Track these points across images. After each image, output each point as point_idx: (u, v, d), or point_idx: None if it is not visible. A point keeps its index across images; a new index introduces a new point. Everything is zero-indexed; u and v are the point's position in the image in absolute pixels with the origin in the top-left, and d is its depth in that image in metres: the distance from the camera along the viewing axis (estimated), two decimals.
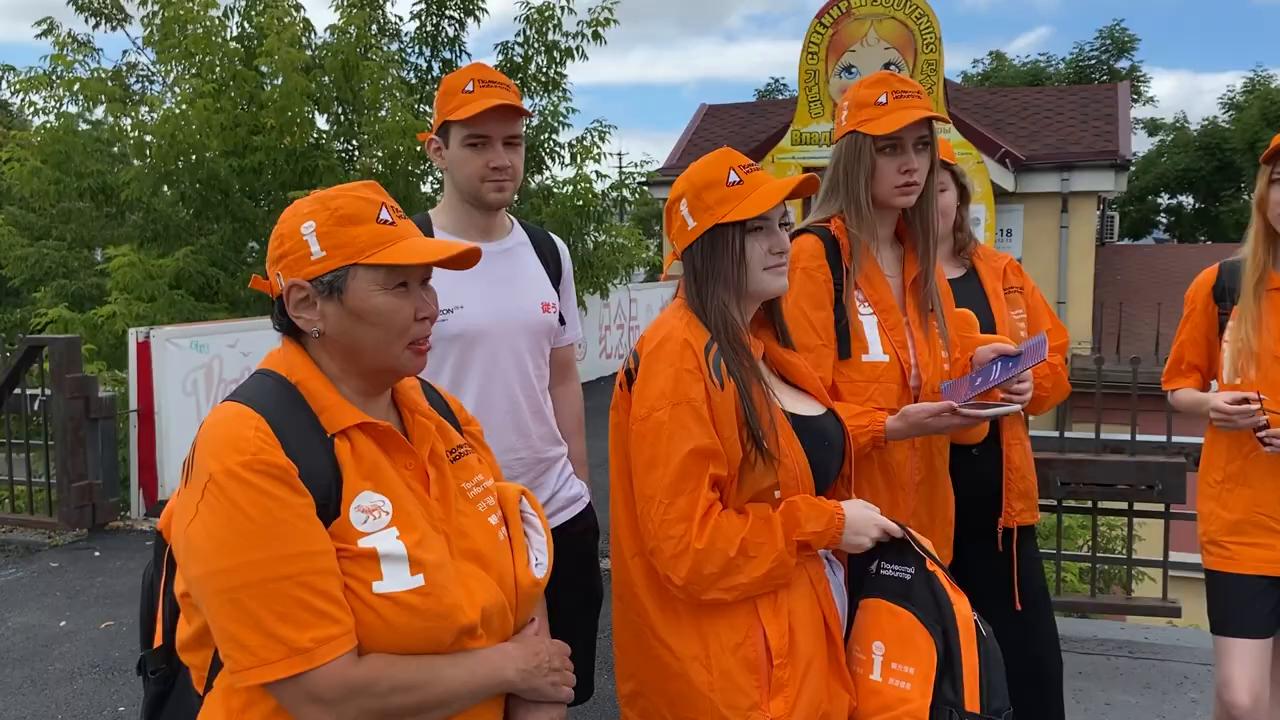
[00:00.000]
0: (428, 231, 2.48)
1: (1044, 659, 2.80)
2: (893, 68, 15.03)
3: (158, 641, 1.56)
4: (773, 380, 2.00)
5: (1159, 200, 36.18)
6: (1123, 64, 32.75)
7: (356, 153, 10.14)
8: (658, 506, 1.80)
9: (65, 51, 9.80)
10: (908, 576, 1.86)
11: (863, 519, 1.89)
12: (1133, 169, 29.47)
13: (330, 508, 1.40)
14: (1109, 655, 4.46)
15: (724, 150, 1.94)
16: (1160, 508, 4.39)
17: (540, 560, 1.62)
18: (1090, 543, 5.05)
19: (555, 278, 2.64)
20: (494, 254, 2.52)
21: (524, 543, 1.63)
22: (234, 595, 1.31)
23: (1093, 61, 32.91)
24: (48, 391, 6.24)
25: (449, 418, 1.70)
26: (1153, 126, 36.18)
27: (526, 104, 10.42)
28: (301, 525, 1.35)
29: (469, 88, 2.38)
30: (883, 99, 2.33)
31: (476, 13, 10.40)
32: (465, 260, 1.51)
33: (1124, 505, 4.49)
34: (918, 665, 1.78)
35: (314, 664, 1.32)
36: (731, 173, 1.88)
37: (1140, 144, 34.93)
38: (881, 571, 1.90)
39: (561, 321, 2.67)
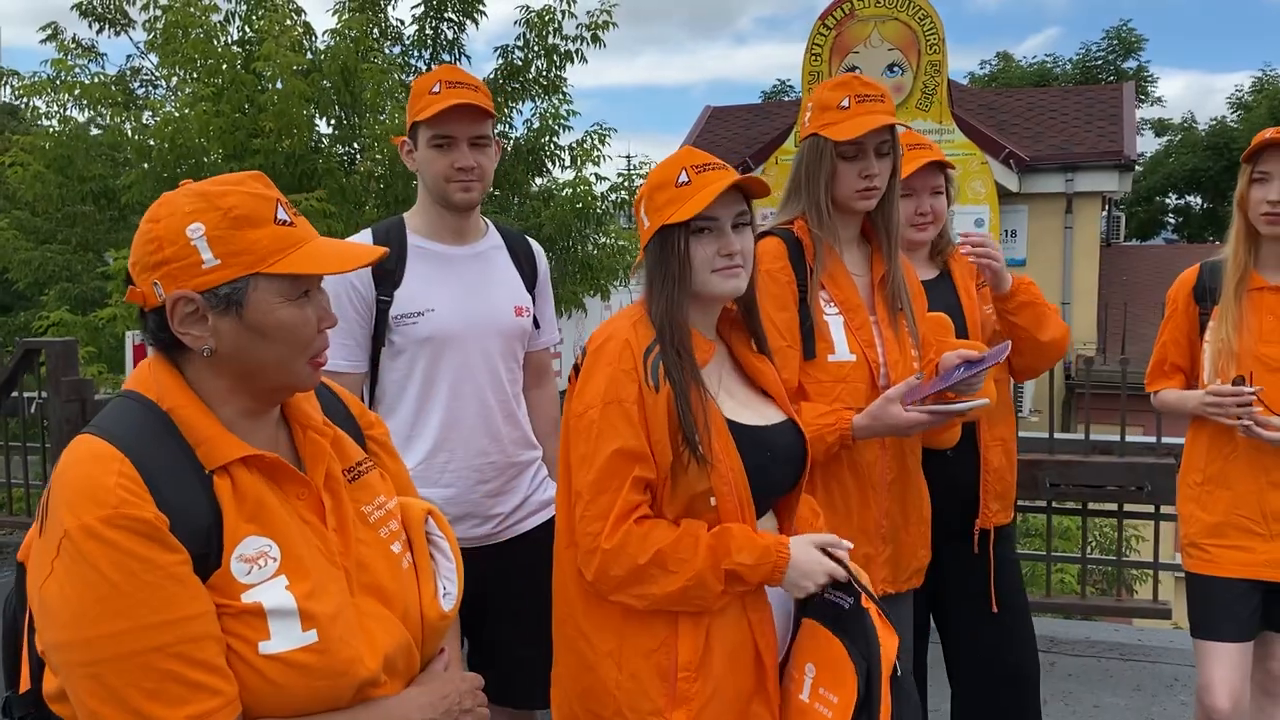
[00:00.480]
0: (401, 235, 2.49)
1: (1021, 661, 2.80)
2: (896, 69, 14.99)
3: (24, 685, 1.36)
4: (734, 385, 2.00)
5: (1167, 201, 36.05)
6: (1130, 64, 32.66)
7: (358, 155, 10.15)
8: (581, 502, 1.83)
9: (69, 57, 9.84)
10: (846, 606, 1.85)
11: (810, 562, 1.84)
12: (1139, 169, 29.35)
13: (210, 558, 1.25)
14: (1100, 657, 4.45)
15: (685, 150, 1.95)
16: (1150, 508, 4.38)
17: (449, 590, 1.50)
18: (1096, 544, 5.03)
19: (530, 281, 2.64)
20: (466, 257, 2.53)
21: (430, 571, 1.50)
22: (95, 669, 1.16)
23: (1099, 62, 32.83)
24: (45, 394, 6.25)
25: (348, 423, 1.56)
26: (1160, 127, 36.07)
27: (527, 108, 10.52)
28: (171, 587, 1.19)
29: (435, 89, 2.39)
30: (845, 103, 2.33)
31: (475, 16, 10.40)
32: (375, 262, 1.41)
33: (1114, 506, 4.48)
34: (841, 696, 1.78)
35: None
36: (683, 173, 1.88)
37: (1148, 144, 34.86)
38: (826, 595, 1.88)
39: (536, 325, 2.67)
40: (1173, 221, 36.80)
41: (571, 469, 1.88)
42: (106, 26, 10.86)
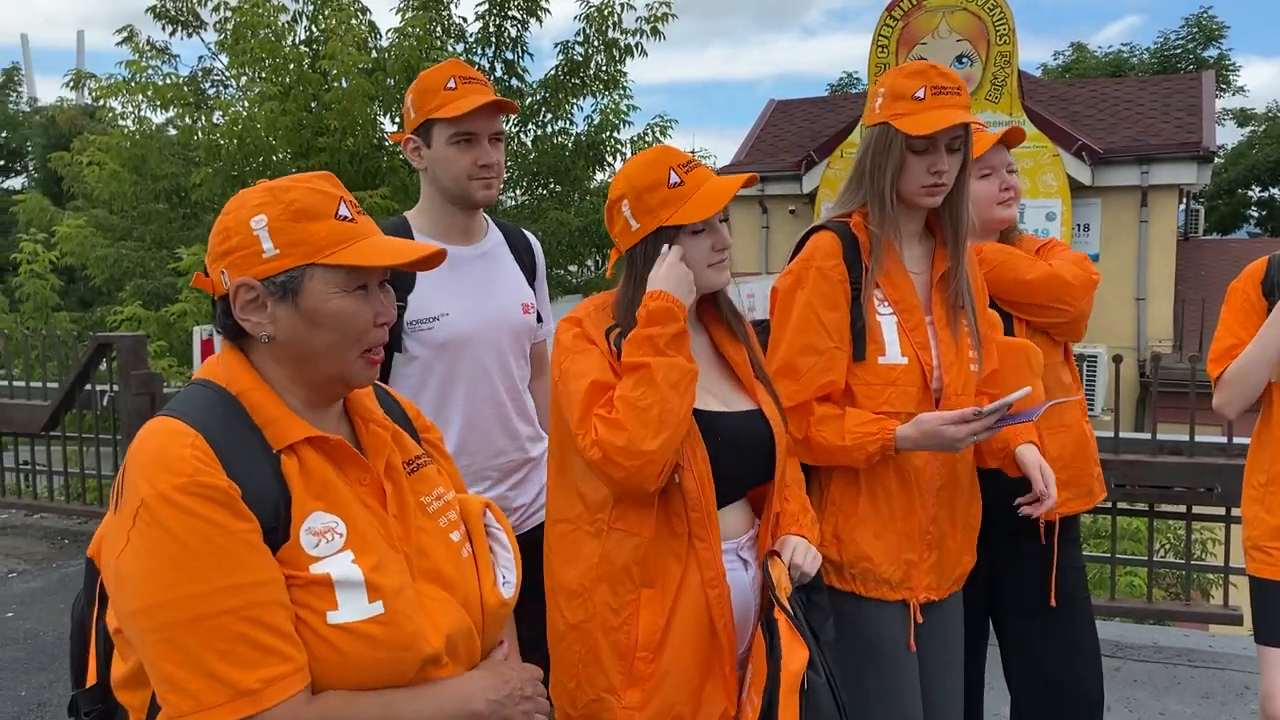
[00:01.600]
0: (406, 234, 2.45)
1: (1081, 670, 2.66)
2: (965, 60, 14.75)
3: (91, 679, 1.41)
4: (704, 368, 2.02)
5: (1250, 193, 34.88)
6: (1210, 53, 31.63)
7: None
8: (578, 437, 1.88)
9: (143, 58, 10.11)
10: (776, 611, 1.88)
11: (672, 272, 1.90)
12: (1220, 161, 28.45)
13: (279, 531, 1.28)
14: (1167, 663, 4.31)
15: (662, 148, 2.00)
16: (1220, 510, 4.23)
17: (508, 578, 1.52)
18: (1170, 546, 4.89)
19: (530, 275, 2.64)
20: (473, 258, 2.51)
21: (490, 560, 1.52)
22: (170, 633, 1.19)
23: (1178, 51, 31.84)
24: (116, 388, 6.42)
25: (406, 425, 1.59)
26: (1243, 117, 34.83)
27: (589, 103, 10.55)
28: (244, 553, 1.23)
29: (451, 85, 2.37)
30: (920, 94, 2.20)
31: (539, 12, 10.45)
32: (431, 261, 1.41)
33: (1182, 508, 4.34)
34: (760, 701, 1.82)
35: (262, 706, 1.20)
36: (672, 173, 1.92)
37: (1229, 136, 33.71)
38: (772, 596, 1.89)
39: (539, 319, 2.68)
40: (1256, 215, 35.59)
41: (564, 417, 1.93)
42: (179, 28, 11.13)
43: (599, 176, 10.97)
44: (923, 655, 2.32)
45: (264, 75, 9.45)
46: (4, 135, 34.85)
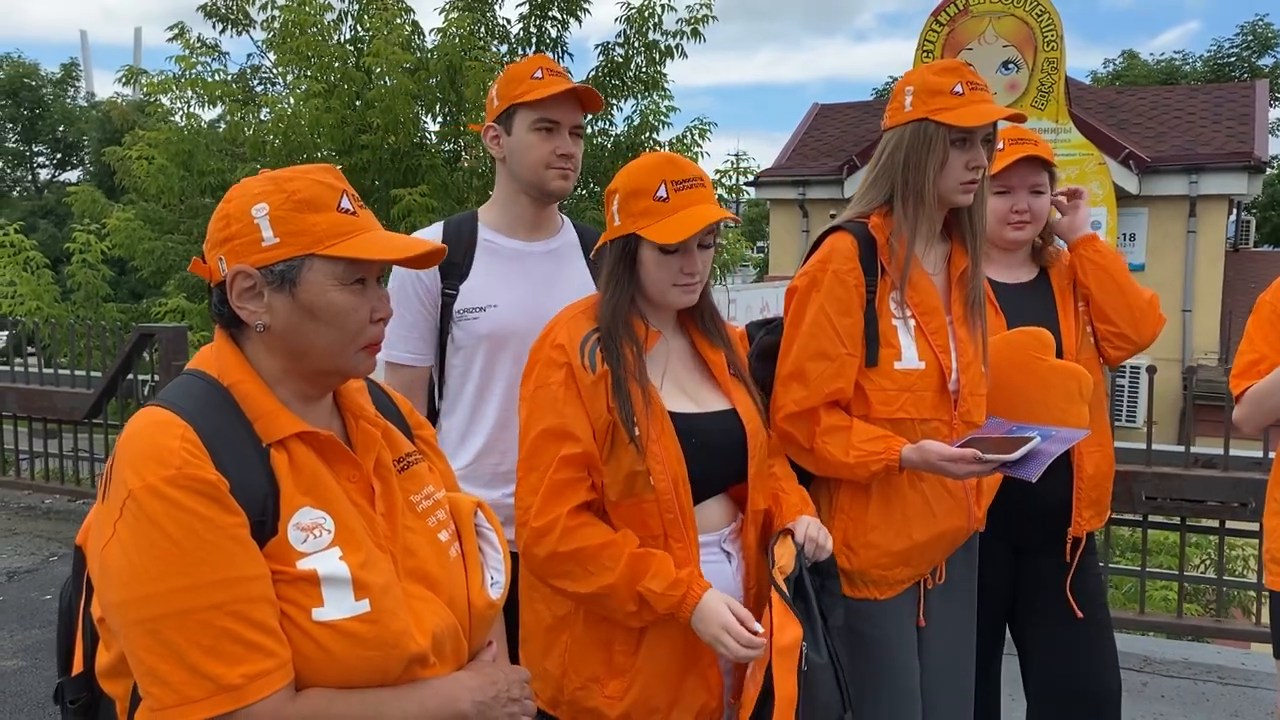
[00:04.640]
0: (472, 229, 2.45)
1: (1099, 677, 2.66)
2: (1011, 66, 14.60)
3: (77, 668, 1.41)
4: (681, 372, 2.06)
5: None
6: (1265, 61, 31.04)
7: (462, 152, 10.35)
8: (516, 478, 1.96)
9: (193, 55, 10.28)
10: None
11: (713, 614, 1.84)
12: (1271, 172, 27.90)
13: (266, 525, 1.28)
14: (1196, 679, 4.25)
15: (668, 156, 1.99)
16: (1254, 526, 4.16)
17: (496, 579, 1.52)
18: (1209, 561, 4.81)
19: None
20: (537, 254, 2.47)
21: (478, 560, 1.52)
22: (154, 626, 1.19)
23: (1232, 59, 31.29)
24: (157, 377, 6.55)
25: (398, 422, 1.58)
26: None
27: (629, 105, 10.58)
28: (231, 547, 1.23)
29: (538, 74, 2.35)
30: (958, 89, 2.19)
31: (579, 13, 10.50)
32: (429, 259, 1.40)
33: (1214, 523, 4.27)
34: (760, 679, 1.84)
35: (244, 702, 1.20)
36: (661, 186, 1.92)
37: None
38: (770, 574, 1.92)
39: None
40: None
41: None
42: (229, 26, 11.29)
43: None
44: (935, 633, 2.36)
45: (309, 73, 9.57)
46: (61, 129, 35.59)
